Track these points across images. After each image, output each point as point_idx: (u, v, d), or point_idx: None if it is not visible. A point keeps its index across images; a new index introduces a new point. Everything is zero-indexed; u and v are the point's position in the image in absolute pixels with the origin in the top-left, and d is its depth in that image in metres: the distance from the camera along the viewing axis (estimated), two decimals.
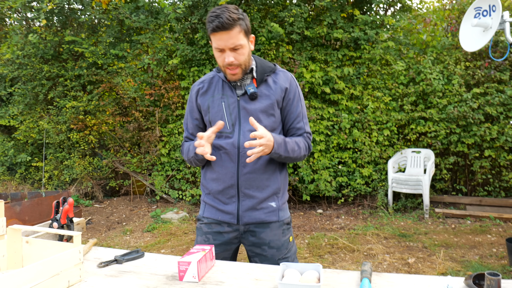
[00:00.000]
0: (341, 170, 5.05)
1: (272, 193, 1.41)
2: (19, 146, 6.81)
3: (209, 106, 1.43)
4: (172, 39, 5.52)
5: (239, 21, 1.27)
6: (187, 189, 5.52)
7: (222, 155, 1.40)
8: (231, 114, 1.39)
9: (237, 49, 1.30)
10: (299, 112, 1.44)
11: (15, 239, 1.22)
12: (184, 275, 1.10)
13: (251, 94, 1.37)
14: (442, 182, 5.06)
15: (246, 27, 1.32)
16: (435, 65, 5.04)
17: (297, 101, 1.44)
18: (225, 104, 1.40)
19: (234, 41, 1.27)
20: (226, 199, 1.41)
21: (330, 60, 5.14)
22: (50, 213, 3.83)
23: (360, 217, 4.74)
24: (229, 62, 1.30)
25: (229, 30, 1.25)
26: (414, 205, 4.89)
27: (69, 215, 1.53)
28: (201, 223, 1.49)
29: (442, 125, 4.87)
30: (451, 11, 5.34)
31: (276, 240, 1.41)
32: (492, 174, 4.87)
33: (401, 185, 4.74)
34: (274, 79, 1.42)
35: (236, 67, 1.32)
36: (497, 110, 4.67)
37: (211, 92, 1.44)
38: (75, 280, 1.09)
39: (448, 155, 5.01)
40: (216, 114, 1.40)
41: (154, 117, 5.69)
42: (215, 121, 1.39)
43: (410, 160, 4.99)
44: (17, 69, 6.20)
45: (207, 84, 1.46)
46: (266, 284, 1.06)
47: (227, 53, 1.30)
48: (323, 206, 5.23)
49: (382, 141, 5.05)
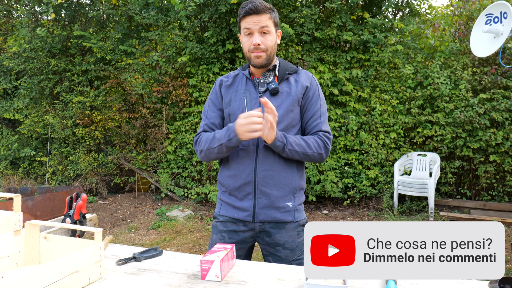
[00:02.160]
0: (347, 172, 5.07)
1: (289, 192, 1.41)
2: (23, 140, 6.77)
3: (231, 99, 1.45)
4: (182, 37, 5.53)
5: (270, 9, 1.38)
6: (192, 187, 5.53)
7: (239, 152, 1.40)
8: (252, 109, 1.40)
9: (265, 33, 1.36)
10: (316, 110, 1.45)
11: (33, 235, 1.20)
12: (207, 274, 1.08)
13: (272, 89, 1.40)
14: (447, 186, 5.10)
15: (276, 19, 1.40)
16: (442, 70, 5.09)
17: (316, 100, 1.45)
18: (247, 99, 1.42)
19: (263, 24, 1.35)
20: (243, 196, 1.41)
21: (338, 62, 5.17)
22: (62, 208, 3.82)
23: (366, 219, 4.77)
24: (256, 43, 1.36)
25: (261, 14, 1.35)
26: (419, 208, 4.93)
27: (82, 211, 1.52)
28: (217, 221, 1.49)
29: (449, 129, 4.91)
30: (459, 17, 5.38)
31: (291, 242, 1.41)
32: (496, 179, 4.92)
33: (407, 187, 4.78)
34: (296, 78, 1.45)
35: (261, 51, 1.37)
36: (502, 116, 4.72)
37: (234, 87, 1.47)
38: (96, 277, 1.08)
39: (454, 159, 5.05)
40: (237, 108, 1.42)
41: (161, 114, 5.68)
42: (235, 115, 1.40)
43: (416, 163, 5.03)
44: (23, 63, 6.17)
45: (231, 79, 1.49)
46: (289, 284, 1.05)
47: (255, 35, 1.36)
48: (328, 207, 5.26)
49: (388, 143, 5.08)
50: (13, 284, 0.86)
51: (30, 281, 0.90)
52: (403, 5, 5.34)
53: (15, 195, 1.24)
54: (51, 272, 0.95)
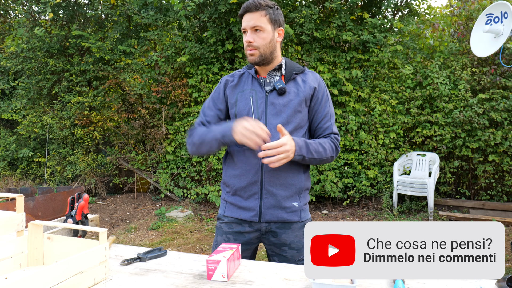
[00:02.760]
0: (347, 172, 5.08)
1: (295, 193, 1.41)
2: (21, 141, 6.74)
3: (237, 99, 1.43)
4: (181, 37, 5.51)
5: (265, 7, 1.36)
6: (192, 187, 5.51)
7: (246, 151, 1.39)
8: (258, 109, 1.39)
9: (257, 30, 1.36)
10: (326, 112, 1.44)
11: (36, 235, 1.18)
12: (213, 274, 1.07)
13: (279, 89, 1.38)
14: (446, 186, 5.11)
15: (274, 16, 1.38)
16: (442, 70, 5.10)
17: (325, 101, 1.45)
18: (253, 98, 1.40)
19: (255, 22, 1.35)
20: (249, 196, 1.40)
21: (338, 62, 5.17)
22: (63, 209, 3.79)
23: (365, 219, 4.78)
24: (247, 40, 1.36)
25: (253, 12, 1.35)
26: (419, 207, 4.94)
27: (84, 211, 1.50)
28: (221, 222, 1.47)
29: (448, 129, 4.92)
30: (458, 17, 5.40)
31: (297, 242, 1.41)
32: (495, 179, 4.94)
33: (406, 187, 4.78)
34: (303, 78, 1.44)
35: (254, 48, 1.37)
36: (501, 116, 4.73)
37: (240, 87, 1.45)
38: (101, 278, 1.07)
39: (453, 159, 5.07)
40: (244, 108, 1.41)
41: (160, 115, 5.67)
42: (242, 115, 1.39)
43: (415, 163, 5.04)
44: (21, 63, 6.13)
45: (237, 79, 1.48)
46: (297, 284, 1.05)
47: (248, 33, 1.37)
48: (328, 207, 5.26)
49: (388, 143, 5.09)
50: (17, 286, 0.85)
51: (34, 282, 0.89)
52: (402, 5, 5.35)
53: (18, 195, 1.23)
54: (55, 273, 0.94)
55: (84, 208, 1.51)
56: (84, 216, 1.51)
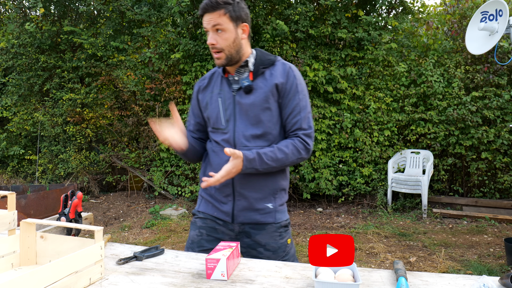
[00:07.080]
0: (342, 169, 5.09)
1: (269, 194, 1.36)
2: (12, 138, 6.62)
3: (207, 102, 1.40)
4: (175, 33, 5.45)
5: (224, 5, 1.26)
6: (186, 185, 5.47)
7: (220, 153, 1.36)
8: (227, 110, 1.35)
9: (218, 30, 1.28)
10: (295, 105, 1.33)
11: (29, 234, 1.15)
12: (212, 272, 1.05)
13: (245, 87, 1.32)
14: (440, 183, 5.15)
15: (235, 13, 1.28)
16: (436, 68, 5.13)
17: (294, 94, 1.33)
18: (221, 100, 1.36)
19: (214, 22, 1.26)
20: (223, 197, 1.37)
21: (333, 60, 5.17)
22: (56, 207, 3.72)
23: (360, 216, 4.79)
24: (210, 43, 1.29)
25: (211, 12, 1.26)
26: (413, 205, 4.97)
27: (78, 209, 1.48)
28: (196, 217, 1.44)
29: (442, 127, 4.96)
30: (452, 15, 5.43)
31: (272, 243, 1.36)
32: (488, 176, 4.99)
33: (401, 185, 4.81)
34: (272, 72, 1.34)
35: (218, 50, 1.29)
36: (494, 114, 4.78)
37: (210, 88, 1.42)
38: (96, 278, 1.05)
39: (446, 157, 5.11)
40: (213, 110, 1.37)
41: (154, 112, 5.61)
42: (212, 118, 1.37)
43: (410, 160, 5.07)
44: (11, 59, 6.03)
45: (207, 80, 1.44)
46: (298, 282, 1.03)
47: (210, 34, 1.29)
48: (323, 205, 5.26)
49: (382, 141, 5.11)
50: (9, 286, 0.82)
51: (27, 282, 0.86)
52: (397, 3, 5.36)
53: (9, 193, 1.19)
54: (49, 273, 0.91)
55: (77, 206, 1.48)
56: (77, 214, 1.49)
